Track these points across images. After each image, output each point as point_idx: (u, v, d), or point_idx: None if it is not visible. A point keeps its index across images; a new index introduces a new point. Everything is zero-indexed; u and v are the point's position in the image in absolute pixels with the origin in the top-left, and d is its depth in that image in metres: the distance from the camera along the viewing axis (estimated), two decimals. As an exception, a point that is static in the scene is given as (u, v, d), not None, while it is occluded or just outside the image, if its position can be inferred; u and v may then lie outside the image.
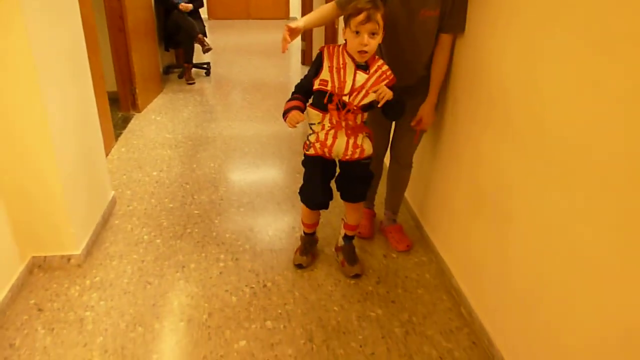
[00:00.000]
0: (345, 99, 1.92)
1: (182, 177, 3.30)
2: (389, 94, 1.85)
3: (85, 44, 2.49)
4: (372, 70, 1.92)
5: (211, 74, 6.09)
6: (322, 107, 1.97)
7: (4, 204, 2.05)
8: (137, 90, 4.46)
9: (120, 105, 4.51)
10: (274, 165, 3.57)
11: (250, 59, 7.09)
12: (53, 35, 2.11)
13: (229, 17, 10.49)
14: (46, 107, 2.00)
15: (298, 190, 2.22)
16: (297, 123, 1.91)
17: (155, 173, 3.34)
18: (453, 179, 2.23)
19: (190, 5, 5.44)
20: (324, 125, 2.00)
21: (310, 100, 2.03)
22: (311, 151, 2.08)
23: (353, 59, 1.90)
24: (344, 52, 1.92)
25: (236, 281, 2.27)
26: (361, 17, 1.77)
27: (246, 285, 2.24)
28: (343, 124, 1.97)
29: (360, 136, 2.03)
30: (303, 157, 2.15)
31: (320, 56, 1.95)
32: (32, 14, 1.89)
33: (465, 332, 1.99)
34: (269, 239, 2.62)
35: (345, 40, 1.90)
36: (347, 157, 2.06)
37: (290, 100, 2.00)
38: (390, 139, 2.47)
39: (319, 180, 2.12)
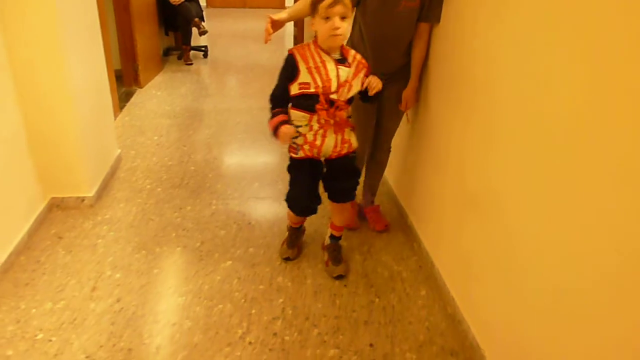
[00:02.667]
0: (334, 96, 1.84)
1: (180, 141, 3.65)
2: (379, 85, 1.83)
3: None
4: (350, 62, 1.86)
5: (208, 57, 6.41)
6: (309, 109, 1.86)
7: (29, 151, 2.39)
8: (139, 68, 4.79)
9: (123, 81, 4.83)
10: (262, 132, 3.92)
11: (245, 44, 7.41)
12: (74, 9, 2.45)
13: (227, 6, 10.77)
14: (68, 69, 2.34)
15: (285, 198, 2.11)
16: (291, 138, 1.87)
17: (156, 137, 3.69)
18: (438, 171, 2.21)
19: None
20: (311, 126, 1.90)
21: (290, 104, 1.92)
22: (300, 154, 1.97)
23: (329, 54, 1.82)
24: (317, 49, 1.82)
25: (225, 219, 2.63)
26: (328, 0, 1.70)
27: (234, 222, 2.61)
28: (332, 121, 1.88)
29: (347, 130, 1.97)
30: (289, 162, 2.05)
31: (291, 60, 1.83)
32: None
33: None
34: (254, 189, 2.98)
35: (315, 35, 1.82)
36: (336, 154, 1.99)
37: (272, 117, 1.88)
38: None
39: (308, 184, 2.03)
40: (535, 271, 1.44)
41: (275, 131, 1.84)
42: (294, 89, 1.84)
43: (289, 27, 8.31)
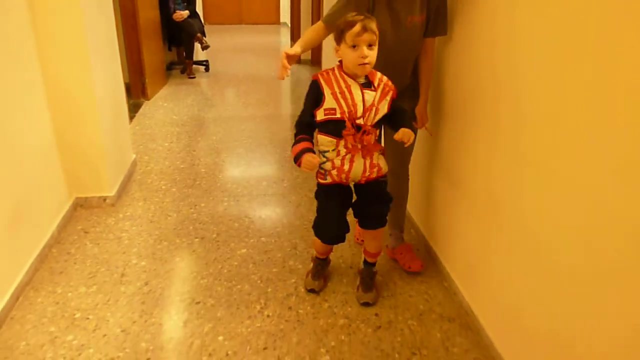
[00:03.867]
0: (360, 121, 1.78)
1: (189, 146, 3.85)
2: (411, 137, 1.79)
3: (113, 33, 3.05)
4: (376, 85, 1.80)
5: (210, 70, 6.64)
6: (336, 134, 1.80)
7: (58, 154, 2.59)
8: (146, 80, 5.01)
9: (131, 93, 5.04)
10: (265, 137, 4.13)
11: (244, 57, 7.66)
12: (98, 24, 2.67)
13: (224, 22, 11.05)
14: (93, 81, 2.56)
15: (312, 225, 2.03)
16: (314, 168, 1.78)
17: (166, 144, 3.90)
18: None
19: (184, 13, 5.95)
20: (339, 151, 1.83)
21: (317, 129, 1.87)
22: (328, 179, 1.90)
23: (354, 79, 1.77)
24: (342, 73, 1.77)
25: (237, 213, 2.83)
26: (357, 28, 1.65)
27: (245, 217, 2.80)
28: (359, 146, 1.81)
29: (376, 154, 1.88)
30: (316, 189, 1.98)
31: (316, 85, 1.79)
32: (86, 4, 2.45)
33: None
34: (263, 187, 3.18)
35: (340, 61, 1.79)
36: (365, 179, 1.90)
37: (296, 143, 1.83)
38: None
39: (337, 211, 1.95)
40: (522, 241, 1.63)
41: (298, 158, 1.79)
42: (320, 115, 1.80)
43: (287, 42, 8.58)
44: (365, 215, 2.01)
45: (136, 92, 5.05)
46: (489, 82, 1.78)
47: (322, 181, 1.93)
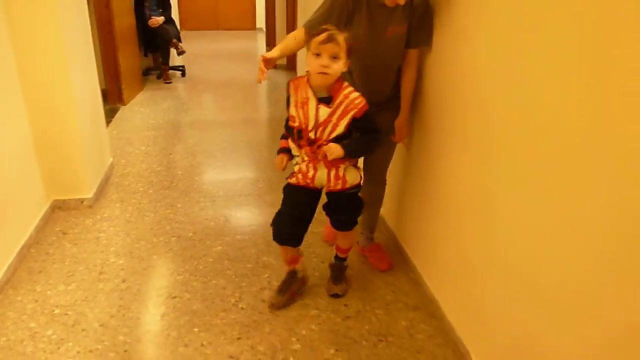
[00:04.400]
0: (311, 135, 1.80)
1: (166, 150, 3.92)
2: (336, 152, 1.77)
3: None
4: (336, 103, 1.76)
5: (186, 75, 6.69)
6: (297, 141, 1.87)
7: (36, 157, 2.63)
8: (123, 86, 5.04)
9: (107, 99, 5.06)
10: (242, 140, 4.21)
11: (220, 63, 7.72)
12: (74, 30, 2.73)
13: (200, 28, 11.08)
14: (71, 83, 2.61)
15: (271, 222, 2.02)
16: (280, 169, 1.92)
17: (143, 147, 3.95)
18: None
19: (160, 19, 5.98)
20: (302, 157, 1.89)
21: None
22: (293, 180, 1.94)
23: (314, 92, 1.77)
24: (307, 84, 1.77)
25: (213, 213, 2.91)
26: (322, 36, 1.66)
27: (221, 216, 2.88)
28: (319, 157, 1.83)
29: (342, 167, 1.88)
30: (284, 189, 2.00)
31: (287, 90, 1.84)
32: (63, 6, 2.51)
33: (381, 237, 2.66)
34: (239, 188, 3.27)
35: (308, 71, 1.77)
36: (330, 188, 1.93)
37: (281, 138, 1.97)
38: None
39: (296, 209, 1.96)
40: (481, 243, 1.76)
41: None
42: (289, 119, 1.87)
43: (262, 46, 8.66)
44: (335, 219, 2.06)
45: (113, 98, 5.08)
46: (459, 94, 1.83)
47: (290, 180, 1.96)
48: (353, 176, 1.93)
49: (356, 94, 1.79)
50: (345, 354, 1.87)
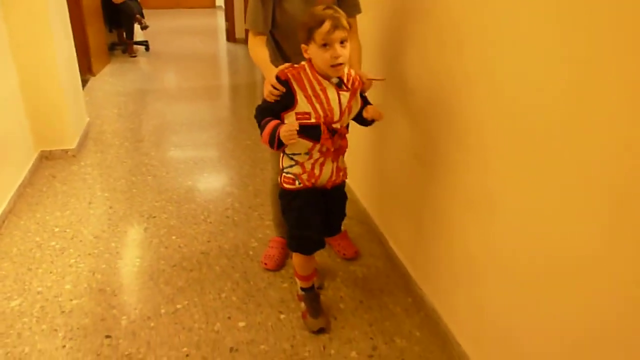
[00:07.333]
0: (337, 125, 1.63)
1: (137, 111, 4.28)
2: (381, 115, 1.66)
3: (65, 8, 3.44)
4: (349, 85, 1.62)
5: (150, 50, 6.96)
6: (314, 138, 1.61)
7: (25, 113, 2.98)
8: (92, 58, 5.32)
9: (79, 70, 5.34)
10: (203, 102, 4.61)
11: (182, 38, 7.99)
12: (56, 5, 3.06)
13: (161, 7, 11.20)
14: (54, 48, 2.97)
15: (288, 244, 1.84)
16: (294, 134, 1.52)
17: (116, 110, 4.30)
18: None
19: None
20: (311, 155, 1.65)
21: None
22: (297, 184, 1.69)
23: (328, 79, 1.57)
24: (315, 73, 1.56)
25: (183, 157, 3.33)
26: (326, 26, 1.45)
27: (190, 160, 3.30)
28: (332, 149, 1.65)
29: (341, 157, 1.75)
30: (285, 200, 1.75)
31: (287, 86, 1.56)
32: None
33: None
34: (204, 138, 3.69)
35: (309, 59, 1.57)
36: (332, 183, 1.74)
37: (264, 126, 1.60)
38: None
39: (314, 216, 1.73)
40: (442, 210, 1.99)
41: (273, 136, 1.55)
42: (290, 119, 1.59)
43: (222, 22, 8.92)
44: (332, 222, 1.87)
45: (83, 69, 5.25)
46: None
47: (290, 187, 1.70)
48: (345, 165, 1.80)
49: (352, 70, 1.68)
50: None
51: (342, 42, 1.50)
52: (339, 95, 1.60)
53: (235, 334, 1.82)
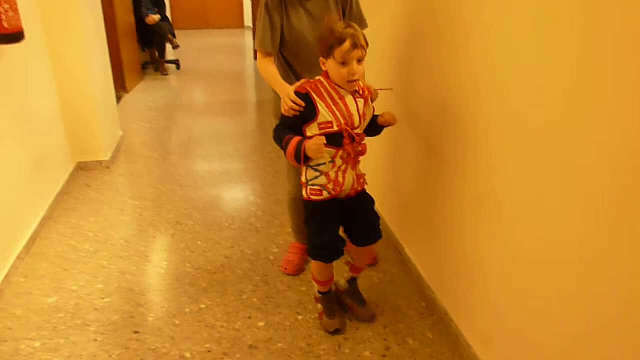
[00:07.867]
0: (358, 131, 1.69)
1: (166, 126, 4.47)
2: (396, 119, 1.73)
3: (102, 28, 3.66)
4: (362, 93, 1.70)
5: (181, 68, 7.22)
6: (336, 144, 1.66)
7: (64, 126, 3.18)
8: (125, 76, 5.57)
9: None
10: (230, 116, 4.77)
11: (211, 56, 8.26)
12: (91, 21, 3.27)
13: (191, 27, 11.58)
14: (90, 66, 3.16)
15: (308, 251, 1.85)
16: (322, 148, 1.57)
17: (147, 124, 4.49)
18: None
19: (156, 17, 6.51)
20: (334, 163, 1.69)
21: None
22: (324, 195, 1.73)
23: (345, 88, 1.64)
24: (332, 84, 1.64)
25: (209, 169, 3.47)
26: (347, 45, 1.53)
27: (216, 170, 3.44)
28: (352, 155, 1.70)
29: (358, 166, 1.79)
30: (309, 209, 1.79)
31: (308, 100, 1.63)
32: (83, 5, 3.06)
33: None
34: (230, 151, 3.83)
35: (325, 71, 1.64)
36: (354, 191, 1.79)
37: (286, 143, 1.64)
38: None
39: (334, 225, 1.79)
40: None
41: (299, 151, 1.60)
42: (313, 130, 1.65)
43: (248, 39, 9.16)
44: (362, 231, 1.84)
45: (117, 86, 5.51)
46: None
47: (317, 198, 1.74)
48: (362, 171, 1.82)
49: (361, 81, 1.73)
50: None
51: (358, 60, 1.57)
52: (356, 101, 1.67)
53: (255, 332, 1.91)
